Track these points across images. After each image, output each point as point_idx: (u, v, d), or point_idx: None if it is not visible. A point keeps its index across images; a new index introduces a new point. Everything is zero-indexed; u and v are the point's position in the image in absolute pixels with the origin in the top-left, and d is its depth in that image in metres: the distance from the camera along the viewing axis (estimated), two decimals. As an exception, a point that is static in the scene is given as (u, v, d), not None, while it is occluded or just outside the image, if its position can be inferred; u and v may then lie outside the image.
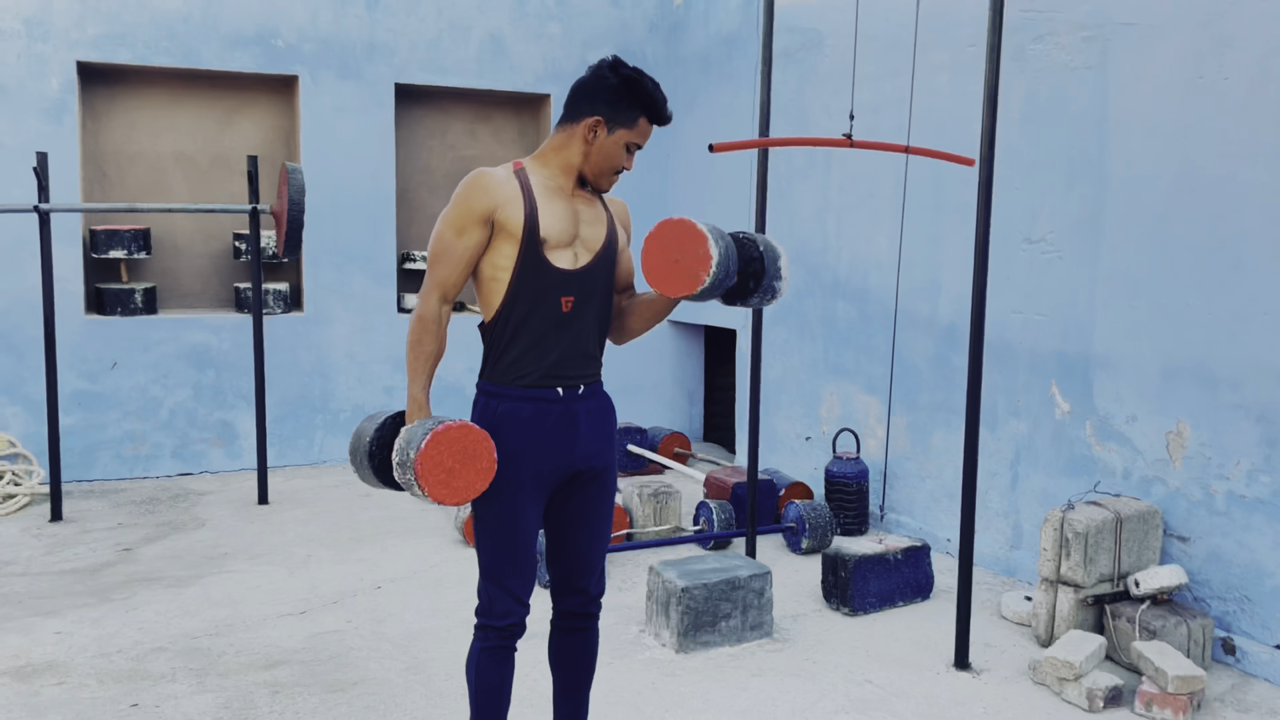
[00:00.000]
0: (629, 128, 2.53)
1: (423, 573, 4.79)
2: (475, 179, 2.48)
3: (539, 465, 2.55)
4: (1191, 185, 3.99)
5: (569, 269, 2.52)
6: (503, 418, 2.53)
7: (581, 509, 2.68)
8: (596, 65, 2.55)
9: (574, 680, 2.84)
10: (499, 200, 2.46)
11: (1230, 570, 3.88)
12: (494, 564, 2.58)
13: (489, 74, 7.19)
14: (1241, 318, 3.82)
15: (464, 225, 2.47)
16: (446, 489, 2.35)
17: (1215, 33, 3.88)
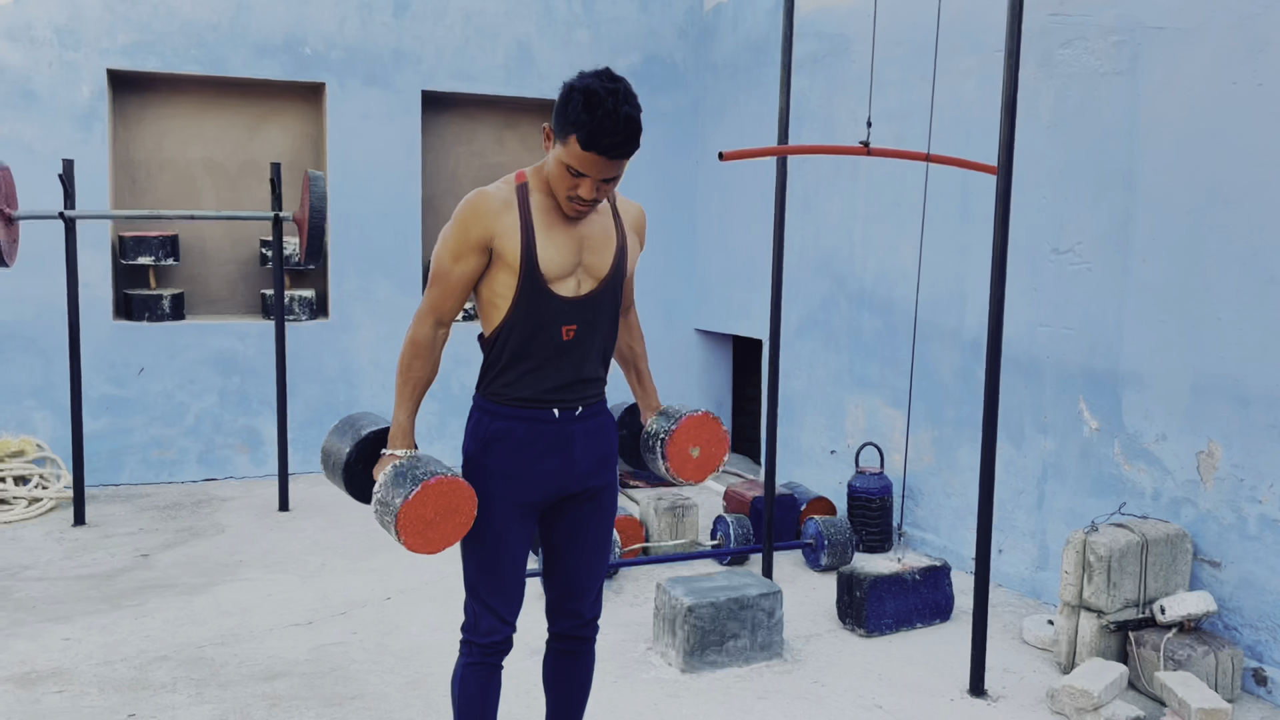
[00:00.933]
0: (564, 145, 2.25)
1: (434, 584, 4.74)
2: (473, 203, 2.36)
3: (528, 486, 2.48)
4: (1224, 196, 3.83)
5: (571, 297, 2.41)
6: (494, 436, 2.46)
7: (574, 529, 2.61)
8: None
9: (567, 703, 2.77)
10: (495, 230, 2.34)
11: (1263, 597, 3.71)
12: (479, 582, 2.52)
13: (516, 81, 7.16)
14: (1276, 334, 3.65)
15: (460, 252, 2.37)
16: (422, 539, 2.31)
17: (1249, 36, 3.72)
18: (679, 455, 2.66)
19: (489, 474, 2.45)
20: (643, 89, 7.38)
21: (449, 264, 2.39)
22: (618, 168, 2.28)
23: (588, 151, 2.22)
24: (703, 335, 7.73)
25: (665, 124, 7.51)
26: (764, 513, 5.05)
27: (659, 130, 7.49)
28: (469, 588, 2.54)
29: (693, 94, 7.57)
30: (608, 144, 2.21)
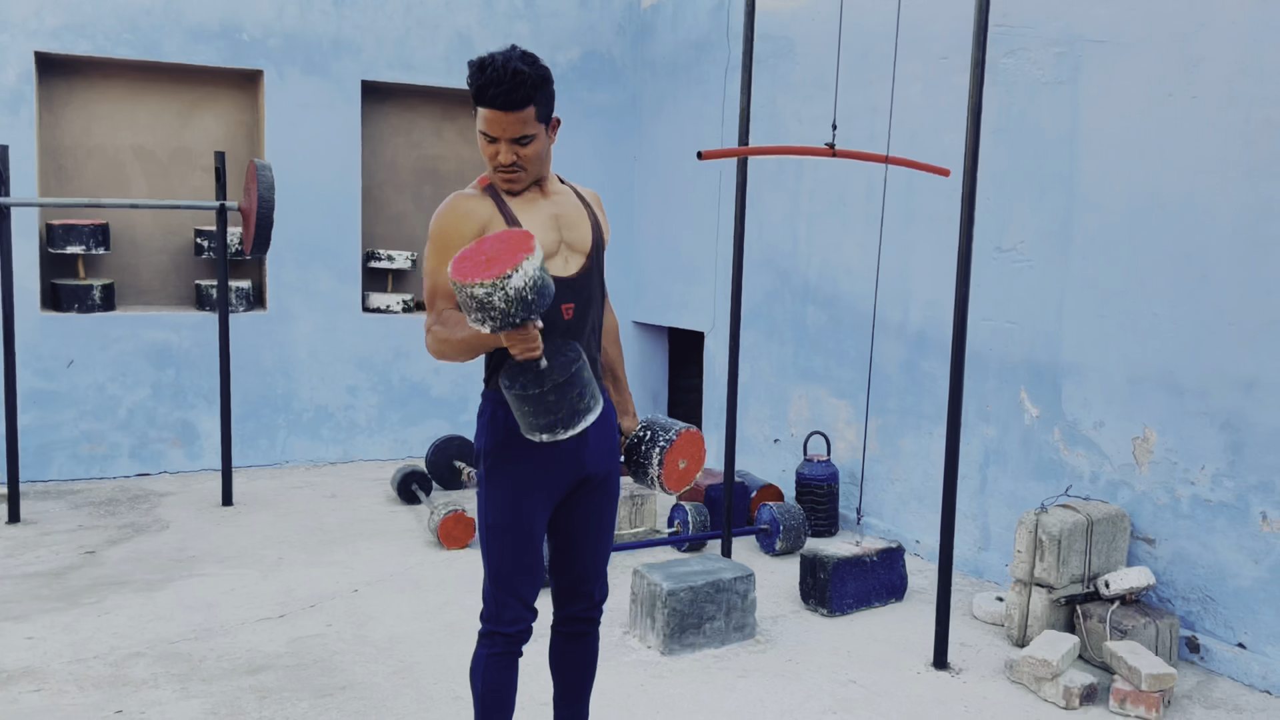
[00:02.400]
0: (474, 114, 2.43)
1: (399, 575, 4.77)
2: (451, 207, 2.45)
3: (550, 474, 2.56)
4: (1160, 200, 4.13)
5: (564, 276, 2.50)
6: (514, 427, 2.53)
7: (589, 515, 2.70)
8: None
9: (576, 685, 2.86)
10: (481, 220, 2.43)
11: (1195, 571, 4.02)
12: (504, 571, 2.58)
13: (457, 72, 7.16)
14: (1208, 328, 3.96)
15: (446, 251, 2.43)
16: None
17: (1185, 52, 4.02)
18: (671, 466, 2.73)
19: (514, 464, 2.52)
20: (581, 84, 7.47)
21: (441, 273, 2.44)
22: (518, 123, 2.38)
23: (485, 109, 2.37)
24: (640, 328, 7.86)
25: (603, 119, 7.60)
26: (722, 500, 5.22)
27: (597, 125, 7.58)
28: (493, 578, 2.59)
29: (630, 90, 7.67)
30: (493, 94, 2.34)
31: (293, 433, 6.92)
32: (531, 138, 2.42)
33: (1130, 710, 3.49)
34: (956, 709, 3.52)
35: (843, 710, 3.48)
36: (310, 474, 6.73)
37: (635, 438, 2.78)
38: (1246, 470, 3.85)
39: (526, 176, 2.49)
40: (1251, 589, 3.84)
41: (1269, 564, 3.78)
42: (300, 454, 6.95)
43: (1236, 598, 3.89)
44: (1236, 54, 3.85)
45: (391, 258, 7.19)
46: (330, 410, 7.01)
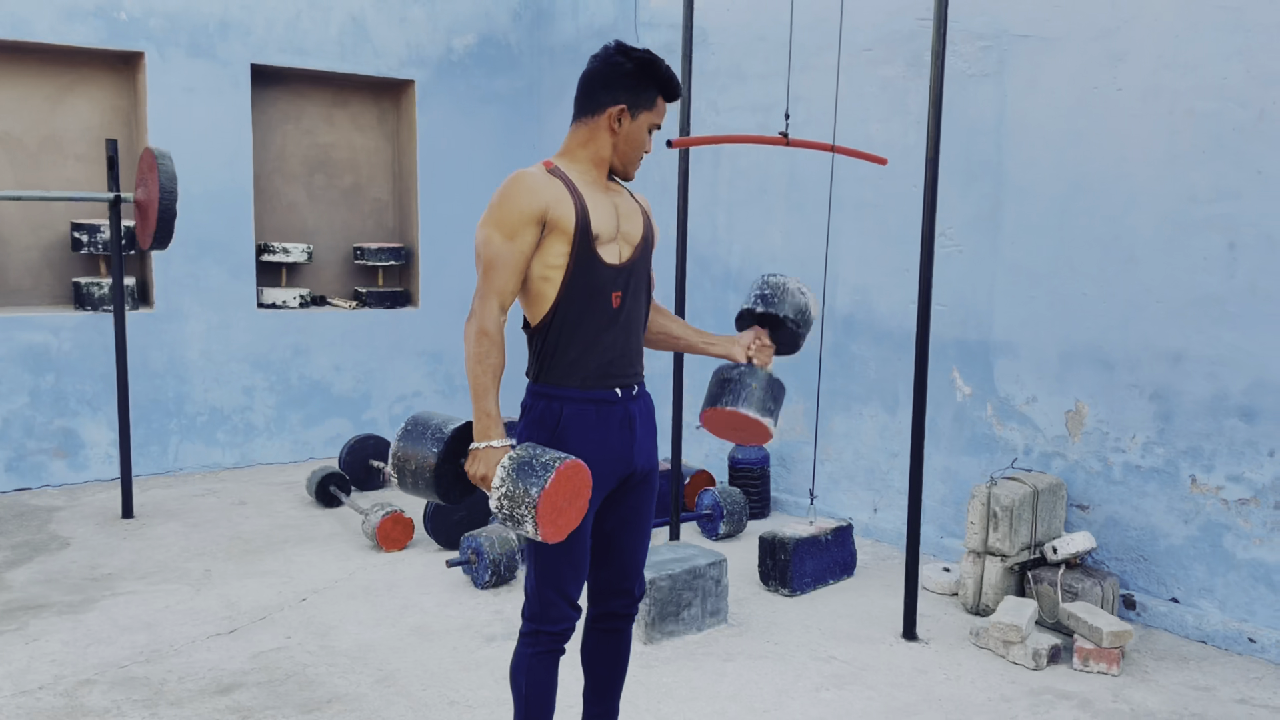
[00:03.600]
0: (649, 109, 2.51)
1: (344, 581, 4.58)
2: (520, 180, 2.41)
3: (602, 469, 2.52)
4: (1087, 186, 4.38)
5: (617, 264, 2.49)
6: (568, 421, 2.48)
7: (632, 511, 2.67)
8: (603, 54, 2.50)
9: (608, 681, 2.83)
10: (548, 199, 2.40)
11: (1128, 533, 4.31)
12: (553, 569, 2.52)
13: (351, 57, 6.89)
14: (1136, 305, 4.25)
15: (516, 228, 2.39)
16: (553, 527, 2.29)
17: (1108, 47, 4.28)
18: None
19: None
20: (479, 70, 7.32)
21: (504, 243, 2.40)
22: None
23: (667, 101, 2.56)
24: (542, 318, 7.78)
25: (502, 106, 7.48)
26: (670, 487, 5.25)
27: (496, 112, 7.45)
28: (542, 578, 2.53)
29: (528, 77, 7.57)
30: (675, 86, 2.54)
31: (186, 438, 6.53)
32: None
33: (1093, 666, 3.72)
34: (938, 677, 3.66)
35: (834, 686, 3.57)
36: (209, 481, 6.36)
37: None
38: (1175, 437, 4.15)
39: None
40: (1183, 547, 4.15)
41: (1198, 523, 4.09)
42: (195, 460, 6.56)
43: (1169, 556, 4.19)
44: (1159, 49, 4.12)
45: (287, 250, 6.87)
46: (226, 413, 6.64)
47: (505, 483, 2.28)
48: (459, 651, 3.82)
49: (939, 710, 3.40)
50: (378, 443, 6.17)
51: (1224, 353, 3.99)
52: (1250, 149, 3.89)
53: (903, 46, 5.06)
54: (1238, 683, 3.67)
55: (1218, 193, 3.98)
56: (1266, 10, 3.81)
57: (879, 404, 5.27)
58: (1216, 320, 4.01)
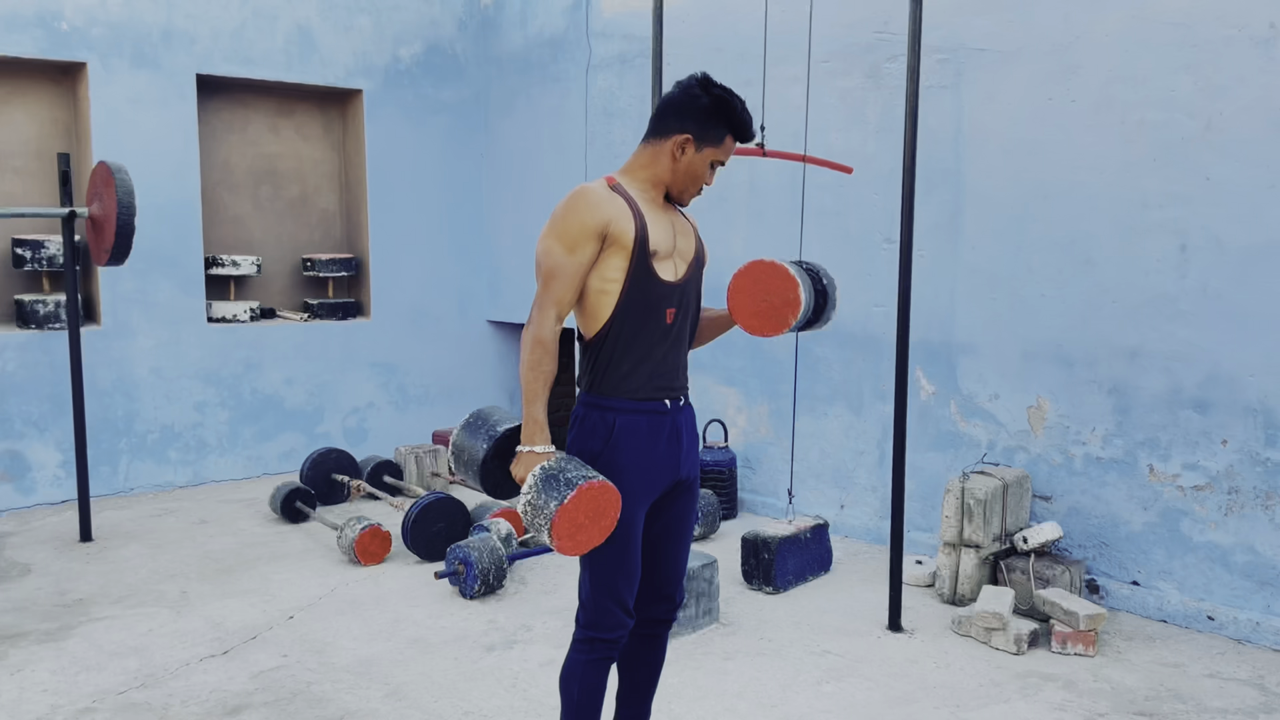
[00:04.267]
0: (715, 146, 2.57)
1: (328, 597, 4.55)
2: (584, 195, 2.47)
3: (652, 478, 2.59)
4: (1045, 193, 4.61)
5: (673, 281, 2.56)
6: (621, 431, 2.54)
7: (677, 518, 2.74)
8: (687, 82, 2.57)
9: (643, 685, 2.89)
10: (611, 214, 2.46)
11: (1089, 521, 4.55)
12: (608, 577, 2.58)
13: (298, 67, 6.81)
14: (1093, 305, 4.48)
15: (577, 241, 2.45)
16: (571, 542, 2.36)
17: (1062, 61, 4.51)
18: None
19: (619, 470, 2.53)
20: (426, 80, 7.31)
21: (565, 255, 2.46)
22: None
23: (739, 143, 2.67)
24: (495, 327, 7.79)
25: (450, 116, 7.47)
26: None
27: (444, 122, 7.43)
28: (596, 585, 2.58)
29: (475, 86, 7.57)
30: (751, 130, 2.64)
31: (136, 457, 6.37)
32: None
33: (1070, 649, 3.93)
34: (928, 666, 3.82)
35: (834, 679, 3.70)
36: (164, 500, 6.23)
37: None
38: (1134, 429, 4.39)
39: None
40: (1142, 533, 4.39)
41: (1157, 510, 4.34)
42: (146, 479, 6.41)
43: (1129, 541, 4.43)
44: (1111, 63, 4.36)
45: (236, 263, 6.75)
46: (177, 430, 6.50)
47: (531, 491, 2.34)
48: (461, 662, 3.84)
49: (935, 698, 3.56)
50: (340, 456, 6.12)
51: (1178, 349, 4.25)
52: (1199, 157, 4.15)
53: (860, 59, 5.24)
54: (1204, 659, 3.91)
55: (1169, 198, 4.23)
56: (1212, 27, 4.07)
57: (844, 404, 5.44)
58: (1170, 318, 4.26)
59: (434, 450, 6.36)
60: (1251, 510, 4.09)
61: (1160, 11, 4.21)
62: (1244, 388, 4.08)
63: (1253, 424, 4.07)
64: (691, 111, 2.55)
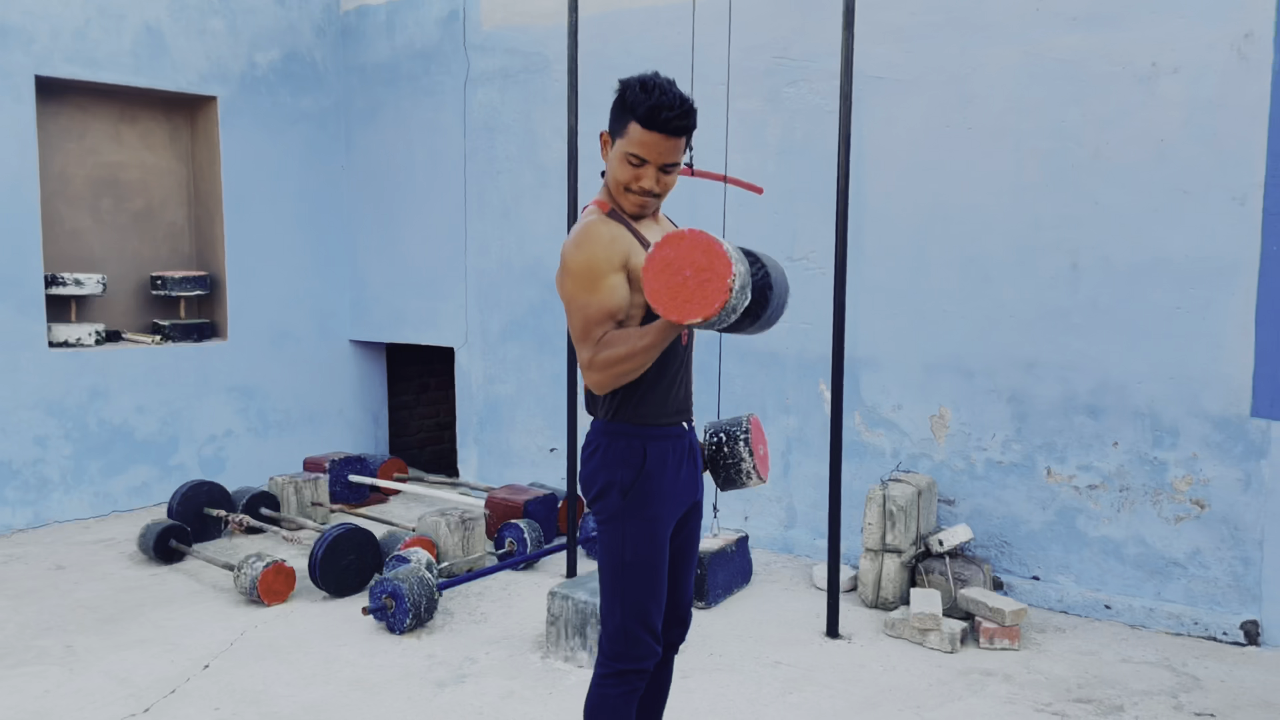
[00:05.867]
0: (623, 135, 2.38)
1: (239, 642, 4.23)
2: (597, 232, 2.37)
3: (678, 502, 2.57)
4: (944, 214, 4.89)
5: None
6: (653, 460, 2.49)
7: (688, 540, 2.72)
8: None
9: (655, 710, 2.85)
10: (625, 248, 2.38)
11: (991, 522, 4.84)
12: (641, 604, 2.53)
13: (147, 70, 6.32)
14: (991, 320, 4.79)
15: (599, 278, 2.34)
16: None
17: (959, 90, 4.80)
18: (759, 454, 2.87)
19: (652, 499, 2.49)
20: (284, 88, 6.96)
21: (593, 296, 2.34)
22: (673, 150, 2.38)
23: (649, 130, 2.32)
24: (357, 346, 7.47)
25: (308, 125, 7.12)
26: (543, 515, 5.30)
27: (303, 132, 7.08)
28: (631, 614, 2.52)
29: (335, 96, 7.25)
30: (666, 118, 2.31)
31: (-32, 498, 5.71)
32: (675, 166, 2.42)
33: (998, 644, 4.17)
34: (876, 670, 3.96)
35: (795, 690, 3.77)
36: (4, 546, 5.60)
37: (714, 443, 2.82)
38: (1031, 434, 4.72)
39: (656, 203, 2.48)
40: (1041, 531, 4.72)
41: (1054, 509, 4.68)
42: (-21, 523, 5.75)
43: (1029, 540, 4.75)
44: (1005, 94, 4.69)
45: (80, 282, 6.17)
46: (15, 466, 5.87)
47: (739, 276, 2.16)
48: (416, 701, 3.66)
49: (895, 700, 3.69)
50: (212, 489, 5.70)
51: (1071, 359, 4.60)
52: (1088, 182, 4.51)
53: (759, 83, 5.38)
54: (1112, 645, 4.24)
55: (1061, 220, 4.58)
56: (1099, 64, 4.45)
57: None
58: (1064, 331, 4.61)
59: (313, 479, 6.03)
60: (1141, 506, 4.48)
61: (1051, 49, 4.56)
62: (1132, 394, 4.47)
63: (1141, 427, 4.46)
64: (614, 103, 2.43)
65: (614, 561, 2.53)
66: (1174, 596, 4.43)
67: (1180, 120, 4.30)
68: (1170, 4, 4.28)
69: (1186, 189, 4.29)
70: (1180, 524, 4.40)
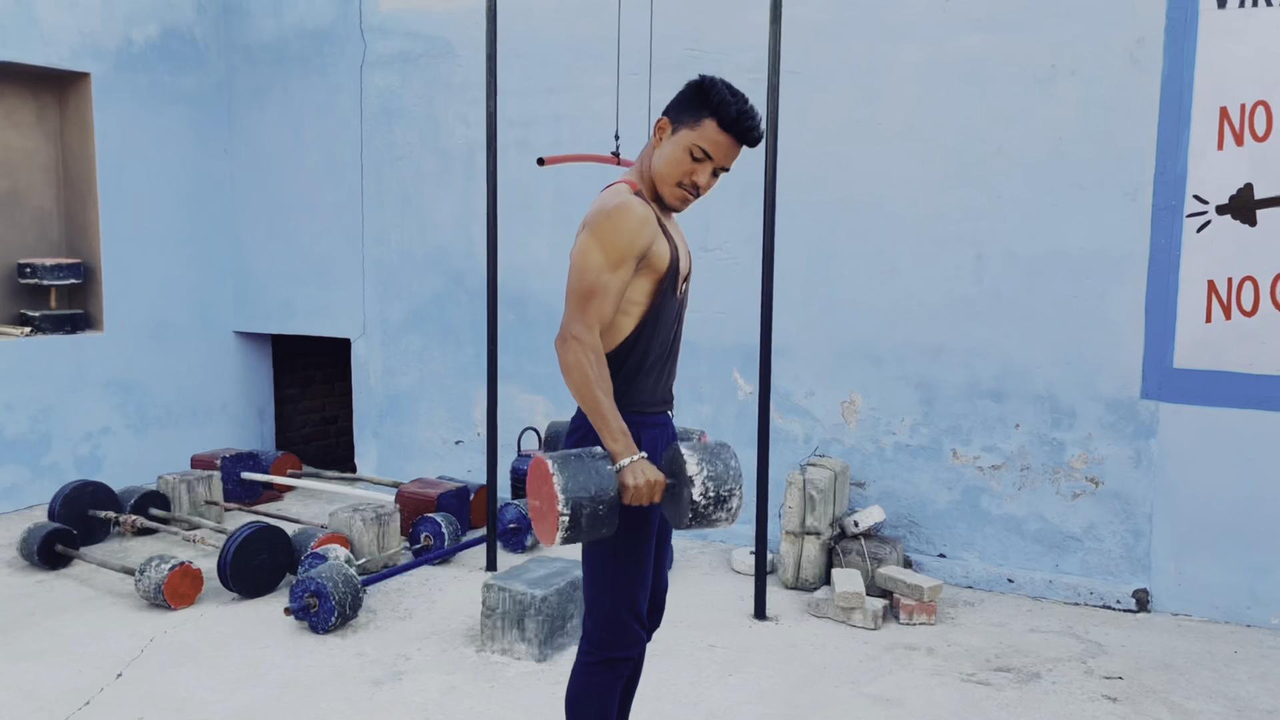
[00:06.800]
0: (691, 127, 2.38)
1: (150, 649, 4.01)
2: (630, 212, 2.34)
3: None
4: (853, 206, 5.04)
5: (679, 298, 2.55)
6: (646, 445, 2.49)
7: (664, 528, 2.74)
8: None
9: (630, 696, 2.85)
10: (651, 236, 2.38)
11: (900, 503, 5.03)
12: (630, 591, 2.52)
13: (14, 43, 5.89)
14: (900, 309, 4.97)
15: (623, 258, 2.34)
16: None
17: (869, 86, 4.96)
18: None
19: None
20: (163, 66, 6.62)
21: (610, 273, 2.34)
22: (735, 157, 2.46)
23: (725, 132, 2.37)
24: (242, 338, 7.17)
25: (189, 106, 6.78)
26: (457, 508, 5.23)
27: (183, 113, 6.74)
28: (621, 601, 2.51)
29: (218, 76, 6.92)
30: (747, 125, 2.37)
31: None
32: (726, 171, 2.47)
33: (916, 619, 4.34)
34: (807, 649, 4.07)
35: (735, 671, 3.83)
36: None
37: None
38: (938, 418, 4.93)
39: (691, 202, 2.51)
40: (947, 510, 4.94)
41: (959, 489, 4.90)
42: None
43: (936, 519, 4.96)
44: (913, 91, 4.87)
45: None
46: None
47: (704, 466, 2.28)
48: (355, 701, 3.56)
49: (832, 677, 3.80)
50: (97, 489, 5.38)
51: (976, 346, 4.82)
52: (991, 178, 4.74)
53: (672, 74, 5.39)
54: (1019, 616, 4.48)
55: (966, 213, 4.80)
56: (1001, 65, 4.67)
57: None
58: (969, 319, 4.83)
59: (207, 476, 5.76)
60: (1041, 484, 4.74)
61: (956, 49, 4.76)
62: (1033, 378, 4.72)
63: (1041, 409, 4.72)
64: (674, 101, 2.46)
65: (605, 549, 2.52)
66: (1071, 569, 4.70)
67: (1077, 120, 4.56)
68: (1069, 9, 4.53)
69: (1083, 185, 4.56)
70: (1077, 500, 4.68)
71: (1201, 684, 3.79)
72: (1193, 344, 4.41)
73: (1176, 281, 4.42)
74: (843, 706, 3.55)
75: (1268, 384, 4.29)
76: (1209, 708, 3.59)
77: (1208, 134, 4.32)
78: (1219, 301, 4.36)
